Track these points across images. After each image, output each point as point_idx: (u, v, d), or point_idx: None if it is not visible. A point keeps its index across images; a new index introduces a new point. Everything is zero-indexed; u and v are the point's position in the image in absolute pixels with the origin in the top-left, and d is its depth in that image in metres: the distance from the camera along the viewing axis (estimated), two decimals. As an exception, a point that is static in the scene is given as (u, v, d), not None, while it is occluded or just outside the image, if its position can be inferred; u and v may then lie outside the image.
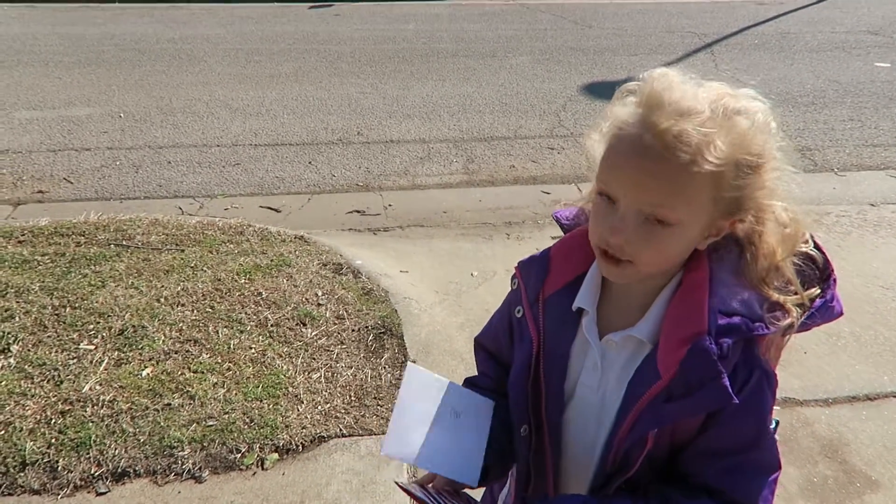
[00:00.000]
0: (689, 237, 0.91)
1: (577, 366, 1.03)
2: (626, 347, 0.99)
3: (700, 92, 0.88)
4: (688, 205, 0.87)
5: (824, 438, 2.48)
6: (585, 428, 1.03)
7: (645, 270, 0.93)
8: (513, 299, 1.12)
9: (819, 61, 7.54)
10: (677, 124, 0.84)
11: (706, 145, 0.84)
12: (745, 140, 0.87)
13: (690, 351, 0.90)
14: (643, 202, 0.88)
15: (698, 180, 0.85)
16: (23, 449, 2.24)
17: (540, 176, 4.85)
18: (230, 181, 4.69)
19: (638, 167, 0.87)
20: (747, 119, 0.88)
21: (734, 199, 0.89)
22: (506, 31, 8.92)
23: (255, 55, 7.55)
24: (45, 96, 6.13)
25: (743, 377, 0.91)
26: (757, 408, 0.93)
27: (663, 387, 0.92)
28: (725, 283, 0.93)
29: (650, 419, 0.92)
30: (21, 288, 3.01)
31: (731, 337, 0.90)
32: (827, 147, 5.30)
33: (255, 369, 2.64)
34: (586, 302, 1.02)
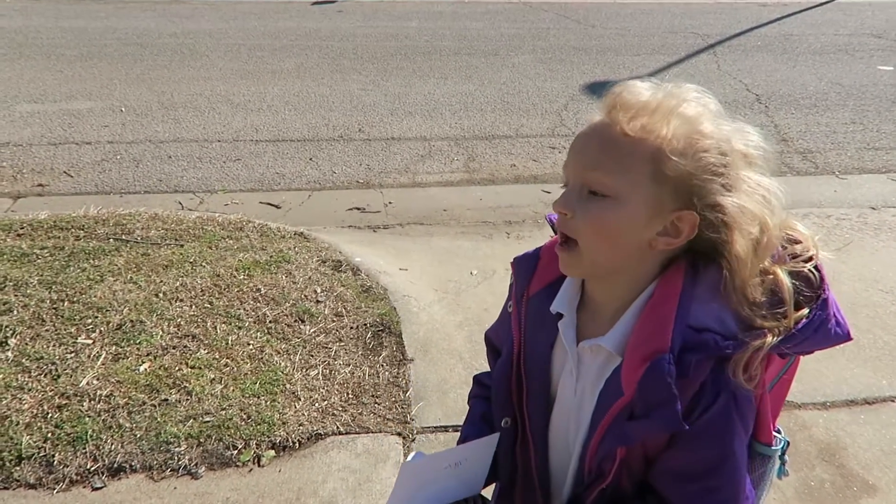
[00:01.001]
0: (630, 216, 0.89)
1: (559, 368, 1.04)
2: (598, 356, 0.98)
3: (657, 88, 0.91)
4: (622, 171, 0.88)
5: (822, 442, 2.47)
6: (567, 428, 1.03)
7: (589, 252, 0.92)
8: (508, 293, 1.14)
9: (822, 64, 7.53)
10: (620, 98, 0.90)
11: (648, 118, 0.87)
12: (688, 121, 0.88)
13: (648, 370, 0.88)
14: (582, 168, 0.92)
15: (635, 146, 0.87)
16: (19, 443, 2.23)
17: (541, 175, 4.85)
18: (230, 177, 4.69)
19: (582, 139, 0.93)
20: (698, 108, 0.90)
21: (680, 183, 0.87)
22: (508, 29, 8.91)
23: (257, 51, 7.54)
24: (47, 89, 6.12)
25: (708, 399, 0.88)
26: (720, 432, 0.89)
27: (625, 403, 0.91)
28: (700, 299, 0.90)
29: (615, 436, 0.92)
30: (19, 281, 3.00)
31: (697, 354, 0.86)
32: (828, 150, 5.30)
33: (253, 366, 2.64)
34: (563, 306, 1.02)
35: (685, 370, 0.87)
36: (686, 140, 0.87)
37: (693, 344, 0.87)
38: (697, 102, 0.91)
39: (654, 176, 0.87)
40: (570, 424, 1.02)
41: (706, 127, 0.89)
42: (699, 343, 0.87)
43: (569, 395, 1.02)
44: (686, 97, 0.91)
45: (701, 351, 0.87)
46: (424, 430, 2.46)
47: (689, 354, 0.87)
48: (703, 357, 0.87)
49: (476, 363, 2.78)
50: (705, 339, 0.87)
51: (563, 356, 1.03)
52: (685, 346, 0.87)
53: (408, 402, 2.57)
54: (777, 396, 1.03)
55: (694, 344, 0.87)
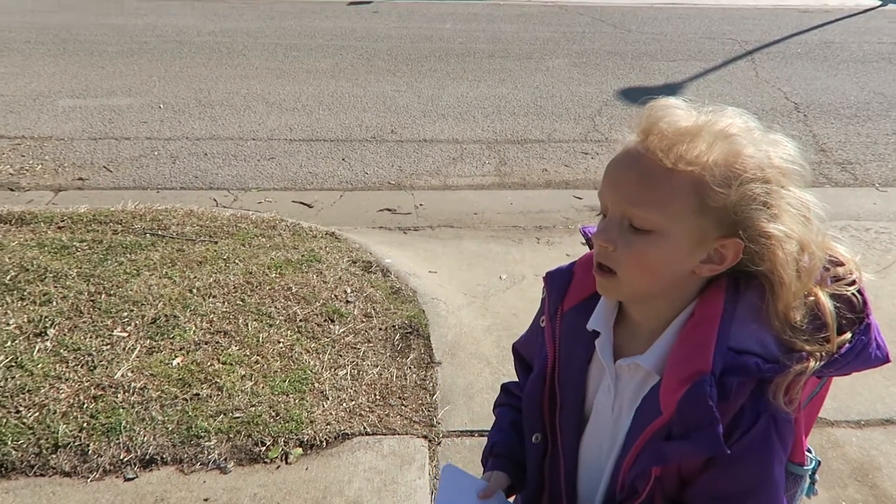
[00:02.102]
0: (673, 249, 0.88)
1: (595, 384, 1.03)
2: (636, 374, 0.97)
3: (696, 111, 0.90)
4: (663, 206, 0.86)
5: (855, 461, 2.42)
6: (600, 446, 1.03)
7: (629, 283, 0.92)
8: (540, 308, 1.14)
9: (864, 72, 7.36)
10: (656, 126, 0.87)
11: (687, 146, 0.85)
12: (732, 149, 0.86)
13: (688, 391, 0.87)
14: (622, 201, 0.89)
15: (676, 181, 0.85)
16: (56, 431, 2.29)
17: (572, 181, 4.82)
18: (264, 175, 4.75)
19: (620, 168, 0.91)
20: (739, 133, 0.88)
21: (724, 213, 0.86)
22: (543, 32, 8.88)
23: (293, 50, 7.63)
24: (89, 85, 6.27)
25: (748, 421, 0.88)
26: (760, 455, 0.89)
27: (663, 423, 0.90)
28: (742, 321, 0.89)
29: (651, 456, 0.91)
30: (59, 273, 3.08)
31: (738, 376, 0.86)
32: (868, 161, 5.18)
33: (283, 363, 2.68)
34: (600, 323, 1.01)
35: (726, 393, 0.86)
36: (729, 169, 0.85)
37: (734, 366, 0.87)
38: (737, 126, 0.88)
39: (697, 208, 0.86)
40: (605, 441, 1.02)
41: (748, 153, 0.87)
42: (740, 366, 0.86)
43: (605, 413, 1.02)
44: (725, 121, 0.88)
45: (742, 374, 0.86)
46: (450, 434, 2.46)
47: (731, 377, 0.86)
48: (744, 380, 0.86)
49: (503, 368, 2.78)
50: (746, 361, 0.86)
51: (598, 373, 1.03)
52: (726, 368, 0.87)
53: (434, 405, 2.58)
54: (809, 415, 1.02)
55: (735, 366, 0.87)
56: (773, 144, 0.90)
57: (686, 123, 0.87)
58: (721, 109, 0.91)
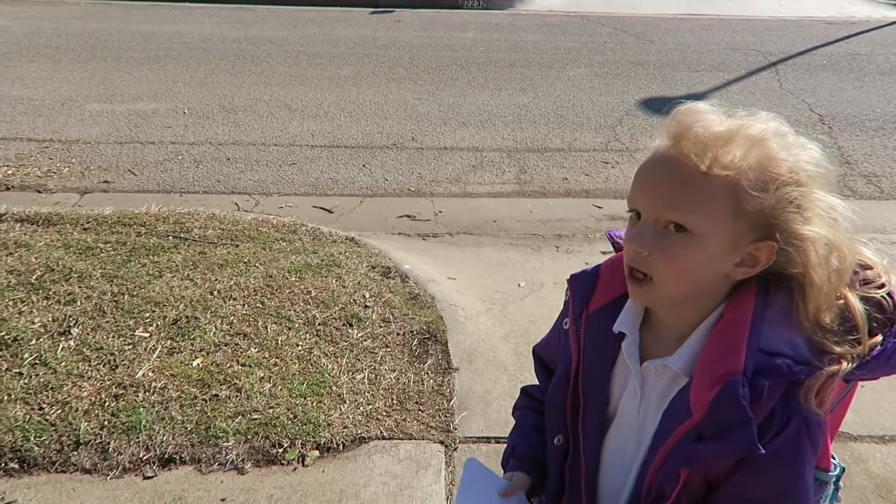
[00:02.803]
0: (709, 252, 0.88)
1: (620, 387, 1.03)
2: (663, 376, 0.97)
3: (722, 115, 0.90)
4: (701, 210, 0.86)
5: (879, 477, 2.38)
6: (624, 449, 1.02)
7: (665, 289, 0.92)
8: (564, 312, 1.13)
9: (890, 84, 7.27)
10: (691, 131, 0.87)
11: (722, 150, 0.85)
12: (766, 152, 0.86)
13: (721, 391, 0.87)
14: (658, 206, 0.89)
15: (713, 186, 0.85)
16: (77, 429, 2.32)
17: (593, 190, 4.81)
18: (286, 180, 4.79)
19: (655, 173, 0.90)
20: (772, 137, 0.88)
21: (759, 217, 0.86)
22: (565, 42, 8.88)
23: (315, 58, 7.70)
24: (116, 90, 6.38)
25: (780, 423, 0.87)
26: (791, 457, 0.88)
27: (693, 424, 0.90)
28: (772, 322, 0.89)
29: (681, 457, 0.91)
30: (84, 273, 3.13)
31: (769, 378, 0.85)
32: (895, 174, 5.11)
33: (301, 366, 2.69)
34: (627, 326, 1.01)
35: (758, 394, 0.85)
36: (764, 173, 0.86)
37: (765, 368, 0.86)
38: (770, 130, 0.89)
39: (733, 212, 0.86)
40: (630, 444, 1.01)
41: (782, 157, 0.87)
42: (772, 367, 0.86)
43: (631, 415, 1.01)
44: (758, 125, 0.89)
45: (773, 375, 0.86)
46: (467, 440, 2.46)
47: (762, 378, 0.86)
48: (775, 382, 0.86)
49: (521, 376, 2.77)
50: (778, 363, 0.86)
51: (623, 375, 1.03)
52: (757, 369, 0.86)
53: (451, 410, 2.57)
54: (834, 420, 1.01)
55: (766, 368, 0.86)
56: (802, 148, 0.90)
57: (720, 128, 0.87)
58: (753, 113, 0.91)
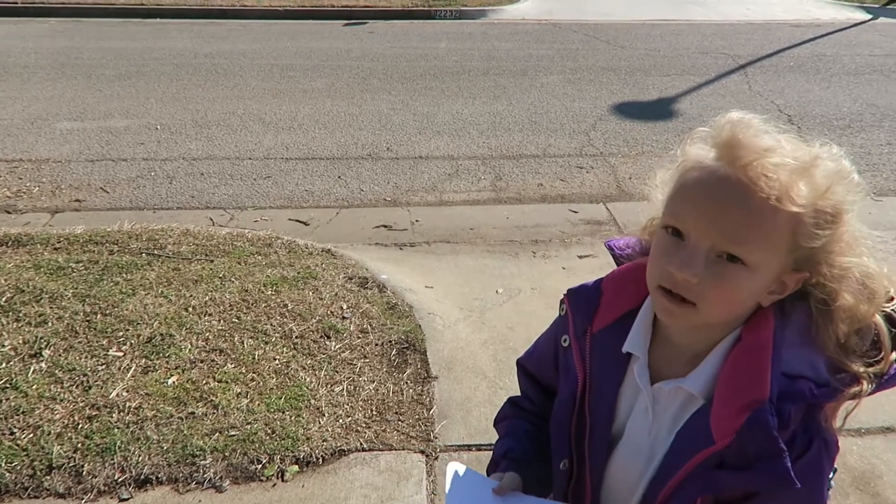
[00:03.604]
0: (758, 285, 0.86)
1: (627, 407, 1.00)
2: (676, 398, 0.95)
3: (779, 136, 0.86)
4: (765, 246, 0.83)
5: (856, 470, 2.41)
6: (631, 470, 1.00)
7: (707, 316, 0.88)
8: (560, 326, 1.09)
9: (856, 84, 7.42)
10: (763, 159, 0.82)
11: (791, 185, 0.81)
12: (826, 187, 0.83)
13: (749, 420, 0.85)
14: (719, 237, 0.84)
15: (780, 221, 0.82)
16: (50, 452, 2.28)
17: (568, 195, 4.84)
18: (261, 193, 4.76)
19: (719, 199, 0.84)
20: (828, 167, 0.85)
21: (809, 252, 0.85)
22: (537, 50, 8.95)
23: (289, 70, 7.68)
24: (87, 108, 6.30)
25: (802, 446, 0.86)
26: (813, 479, 0.87)
27: (715, 452, 0.88)
28: (792, 344, 0.88)
29: (700, 484, 0.89)
30: (55, 294, 3.08)
31: (794, 402, 0.85)
32: (863, 171, 5.13)
33: (279, 380, 2.66)
34: (637, 346, 0.98)
35: (785, 421, 0.85)
36: (826, 211, 0.84)
37: (789, 393, 0.85)
38: (839, 163, 0.86)
39: (789, 247, 0.84)
40: (637, 464, 0.98)
41: (841, 194, 0.85)
42: (795, 392, 0.85)
43: (640, 436, 0.98)
44: (827, 157, 0.86)
45: (797, 400, 0.85)
46: (448, 449, 2.45)
47: (787, 404, 0.85)
48: (800, 406, 0.86)
49: (501, 382, 2.77)
50: (801, 387, 0.85)
51: (631, 395, 1.00)
52: (781, 394, 0.85)
53: (431, 420, 2.56)
54: None
55: (790, 393, 0.85)
56: (853, 181, 0.87)
57: (788, 157, 0.83)
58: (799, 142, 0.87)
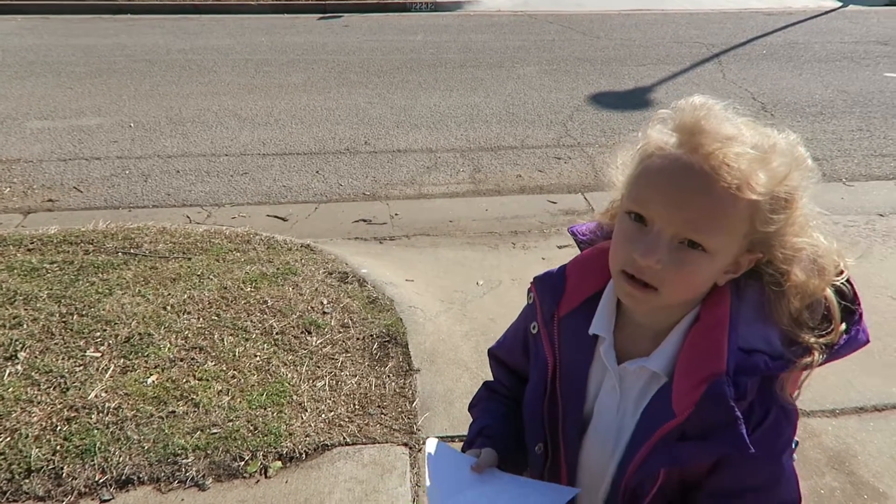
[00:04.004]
0: (716, 268, 0.89)
1: (595, 387, 1.03)
2: (641, 376, 0.98)
3: (740, 122, 0.88)
4: (725, 232, 0.86)
5: (831, 450, 2.45)
6: (602, 448, 1.02)
7: (668, 299, 0.91)
8: (528, 314, 1.11)
9: (828, 71, 7.52)
10: (724, 148, 0.83)
11: (751, 173, 0.83)
12: (784, 175, 0.86)
13: (707, 393, 0.88)
14: (682, 224, 0.86)
15: (740, 208, 0.84)
16: (28, 455, 2.25)
17: (546, 185, 4.86)
18: (238, 190, 4.72)
19: (682, 187, 0.85)
20: (785, 154, 0.87)
21: (764, 235, 0.87)
22: (513, 41, 8.96)
23: (264, 65, 7.61)
24: (57, 106, 6.20)
25: (759, 416, 0.89)
26: (774, 446, 0.91)
27: (676, 425, 0.91)
28: (747, 320, 0.91)
29: (662, 457, 0.91)
30: (29, 295, 3.03)
31: (749, 375, 0.88)
32: (835, 157, 5.28)
33: (260, 377, 2.65)
34: (602, 328, 1.01)
35: (742, 393, 0.88)
36: (781, 196, 0.86)
37: (745, 366, 0.89)
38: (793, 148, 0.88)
39: (747, 232, 0.87)
40: (608, 443, 1.01)
41: (795, 179, 0.87)
42: (751, 365, 0.89)
43: (609, 414, 1.01)
44: (782, 141, 0.88)
45: (752, 373, 0.89)
46: (431, 441, 2.45)
47: (743, 377, 0.88)
48: (755, 379, 0.89)
49: (482, 373, 2.78)
50: (756, 361, 0.89)
51: (599, 375, 1.02)
52: (738, 368, 0.88)
53: (414, 412, 2.57)
54: None
55: (746, 366, 0.89)
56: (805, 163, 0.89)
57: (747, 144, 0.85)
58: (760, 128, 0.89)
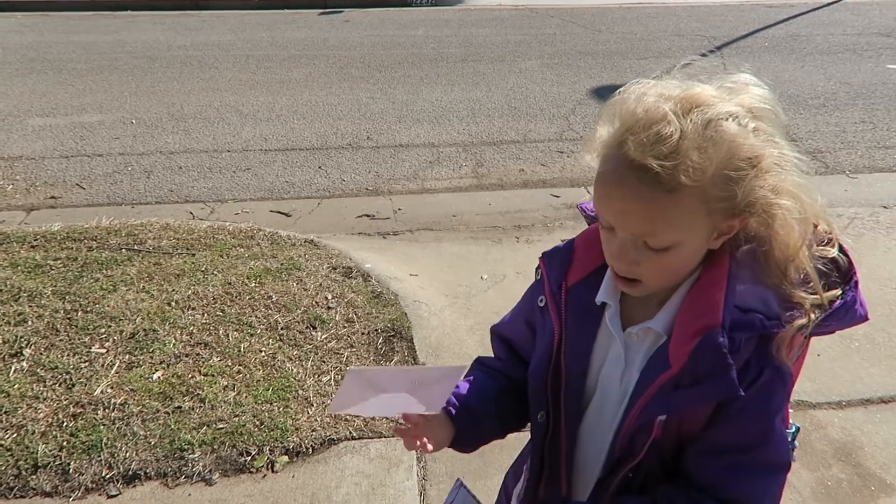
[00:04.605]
0: (691, 250, 0.92)
1: (601, 357, 1.04)
2: (645, 339, 1.00)
3: (671, 107, 0.86)
4: (677, 228, 0.88)
5: (837, 441, 2.45)
6: (605, 418, 1.03)
7: (656, 286, 0.96)
8: (536, 289, 1.13)
9: (830, 63, 7.49)
10: (647, 156, 0.83)
11: (682, 169, 0.83)
12: (727, 148, 0.85)
13: (701, 342, 0.90)
14: (634, 228, 0.90)
15: (682, 203, 0.85)
16: (35, 452, 2.25)
17: (549, 179, 4.85)
18: (241, 186, 4.72)
19: (620, 197, 0.89)
20: (726, 124, 0.85)
21: (730, 206, 0.88)
22: (515, 35, 8.93)
23: (265, 61, 7.60)
24: (58, 103, 6.19)
25: (753, 374, 0.91)
26: (765, 405, 0.93)
27: (672, 375, 0.92)
28: (744, 280, 0.93)
29: (657, 405, 0.93)
30: (34, 292, 3.03)
31: (745, 332, 0.90)
32: (838, 149, 5.27)
33: (265, 372, 2.65)
34: (608, 296, 1.03)
35: (736, 347, 0.89)
36: (730, 172, 0.85)
37: (740, 323, 0.90)
38: (719, 115, 0.86)
39: (707, 211, 0.88)
40: (610, 413, 1.02)
41: (741, 144, 0.85)
42: (746, 322, 0.90)
43: (613, 386, 1.02)
44: (708, 116, 0.85)
45: (748, 330, 0.90)
46: (437, 435, 2.45)
47: (738, 333, 0.90)
48: (749, 336, 0.90)
49: (487, 367, 2.77)
50: (751, 318, 0.90)
51: (604, 346, 1.04)
52: (733, 324, 0.90)
53: (420, 406, 2.56)
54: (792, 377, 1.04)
55: (741, 323, 0.90)
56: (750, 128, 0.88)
57: (669, 129, 0.84)
58: (691, 94, 0.88)
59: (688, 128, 0.84)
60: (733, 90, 0.91)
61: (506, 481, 1.31)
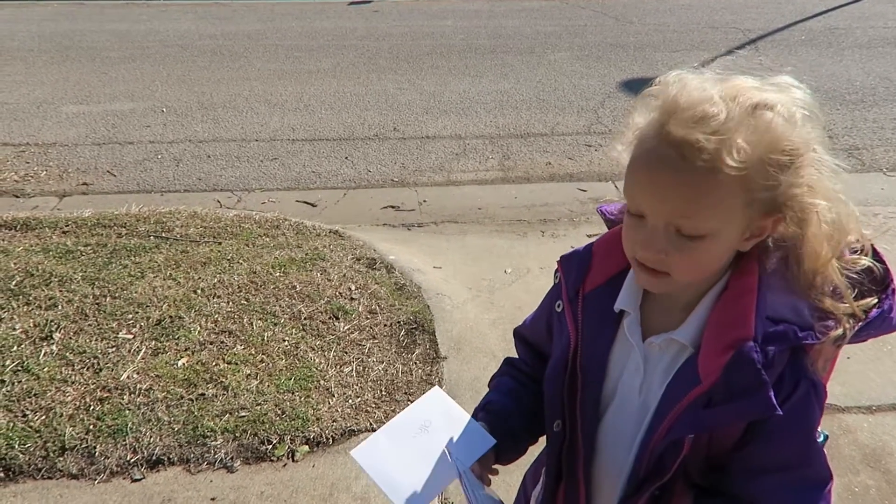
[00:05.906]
0: (725, 243, 0.88)
1: (619, 366, 1.01)
2: (668, 350, 0.96)
3: (716, 92, 0.84)
4: (715, 213, 0.84)
5: (867, 447, 2.39)
6: (624, 430, 1.00)
7: (683, 281, 0.91)
8: (554, 293, 1.11)
9: (869, 58, 7.29)
10: (693, 132, 0.81)
11: (726, 149, 0.80)
12: (772, 136, 0.82)
13: (734, 357, 0.86)
14: (669, 214, 0.85)
15: (724, 186, 0.81)
16: (62, 434, 2.30)
17: (576, 173, 4.80)
18: (268, 175, 4.75)
19: (658, 180, 0.85)
20: (772, 113, 0.83)
21: (770, 199, 0.84)
22: (545, 27, 8.84)
23: (294, 51, 7.63)
24: (92, 91, 6.29)
25: (788, 388, 0.87)
26: (803, 421, 0.89)
27: (703, 391, 0.88)
28: (775, 289, 0.89)
29: (687, 423, 0.89)
30: (64, 277, 3.09)
31: (777, 345, 0.86)
32: (876, 146, 5.13)
33: (288, 362, 2.67)
34: (628, 303, 0.99)
35: (769, 361, 0.85)
36: (774, 160, 0.82)
37: (773, 335, 0.86)
38: (769, 104, 0.84)
39: (745, 202, 0.84)
40: (630, 424, 0.99)
41: (788, 136, 0.83)
42: (779, 335, 0.86)
43: (632, 395, 0.99)
44: (754, 98, 0.84)
45: (781, 342, 0.86)
46: (457, 429, 2.45)
47: (771, 345, 0.86)
48: (783, 348, 0.86)
49: (509, 362, 2.76)
50: (784, 330, 0.86)
51: (622, 354, 1.01)
52: (766, 336, 0.86)
53: (440, 399, 2.56)
54: None
55: (774, 335, 0.86)
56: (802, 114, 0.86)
57: (720, 116, 0.81)
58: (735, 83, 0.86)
59: (735, 110, 0.82)
60: (776, 88, 0.88)
61: (525, 480, 1.30)
